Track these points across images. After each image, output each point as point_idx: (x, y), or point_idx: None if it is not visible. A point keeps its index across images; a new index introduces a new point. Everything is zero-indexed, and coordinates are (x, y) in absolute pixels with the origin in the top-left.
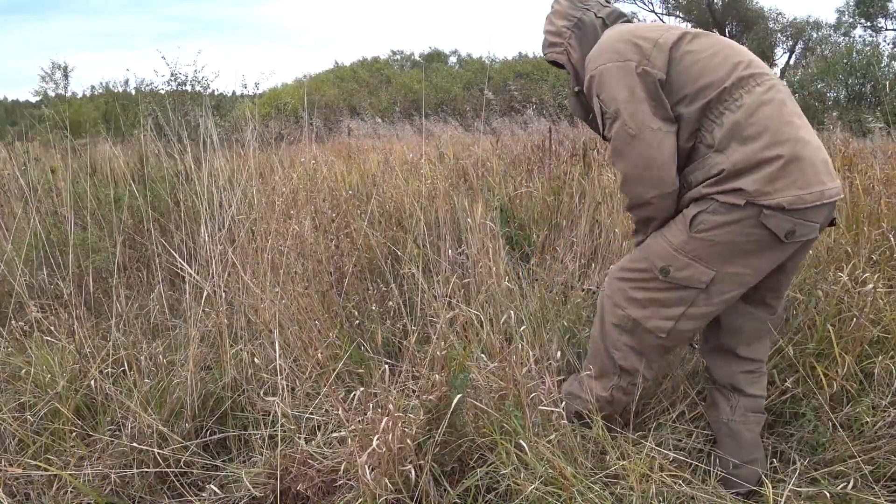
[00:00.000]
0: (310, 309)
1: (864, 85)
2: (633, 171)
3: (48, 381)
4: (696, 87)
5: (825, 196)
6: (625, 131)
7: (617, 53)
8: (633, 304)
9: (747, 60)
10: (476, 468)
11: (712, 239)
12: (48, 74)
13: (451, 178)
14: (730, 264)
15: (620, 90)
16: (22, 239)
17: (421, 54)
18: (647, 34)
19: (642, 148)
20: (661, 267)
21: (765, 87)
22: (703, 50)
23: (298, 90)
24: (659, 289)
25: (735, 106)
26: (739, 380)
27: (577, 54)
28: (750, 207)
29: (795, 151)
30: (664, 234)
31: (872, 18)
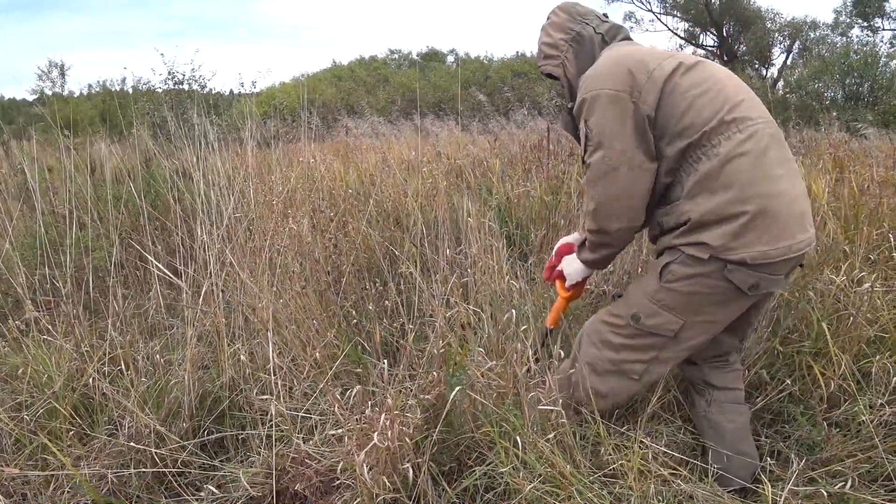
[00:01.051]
0: (307, 308)
1: (861, 85)
2: (604, 201)
3: (45, 381)
4: (680, 126)
5: (792, 250)
6: (605, 162)
7: (612, 81)
8: (608, 347)
9: (734, 102)
10: (474, 467)
11: (680, 290)
12: (45, 73)
13: (450, 177)
14: (697, 314)
15: (609, 120)
16: (19, 238)
17: (419, 53)
18: (644, 62)
19: (619, 182)
20: (632, 314)
21: (746, 133)
22: (693, 86)
23: (296, 89)
24: (631, 335)
25: (712, 153)
26: (709, 375)
27: (573, 69)
28: (714, 261)
29: (763, 207)
30: (641, 280)
31: (869, 19)
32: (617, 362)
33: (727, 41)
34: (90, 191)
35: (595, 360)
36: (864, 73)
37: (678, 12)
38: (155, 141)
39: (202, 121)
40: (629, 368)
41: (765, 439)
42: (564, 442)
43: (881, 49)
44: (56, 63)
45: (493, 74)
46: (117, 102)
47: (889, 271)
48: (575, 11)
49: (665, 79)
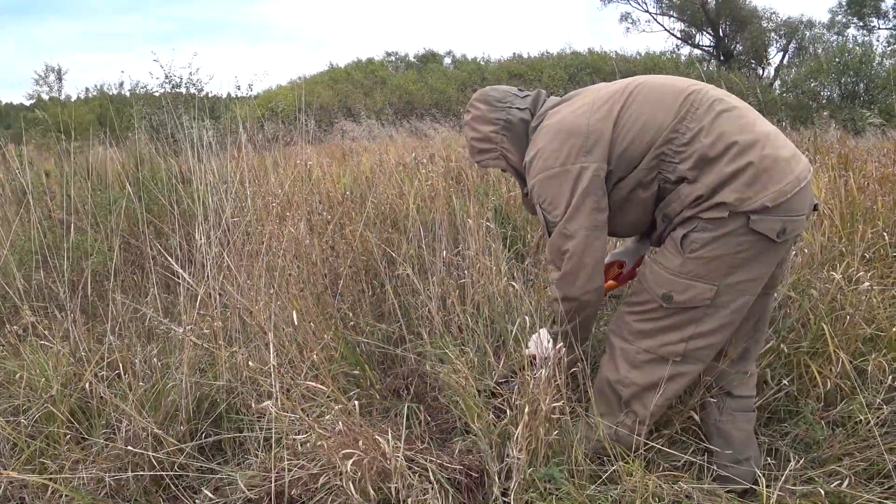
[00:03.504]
0: (305, 310)
1: (857, 84)
2: (567, 270)
3: (42, 385)
4: (643, 145)
5: (800, 180)
6: (562, 234)
7: (551, 160)
8: (641, 336)
9: (676, 93)
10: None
11: (707, 255)
12: (42, 77)
13: (448, 178)
14: (730, 276)
15: (560, 196)
16: (17, 243)
17: (416, 55)
18: (579, 125)
19: (576, 247)
20: (662, 294)
21: (704, 106)
22: (635, 111)
23: (293, 92)
24: (664, 316)
25: (688, 138)
26: (730, 382)
27: (515, 157)
28: (736, 217)
29: (760, 152)
30: (658, 262)
31: (865, 18)
32: (654, 349)
33: (723, 41)
34: (88, 195)
35: (630, 355)
36: (859, 72)
37: (674, 12)
38: (153, 144)
39: (199, 124)
40: (670, 351)
41: (763, 438)
42: (564, 441)
43: (876, 48)
44: (53, 67)
45: (490, 76)
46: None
47: (885, 269)
48: (493, 99)
49: (609, 132)
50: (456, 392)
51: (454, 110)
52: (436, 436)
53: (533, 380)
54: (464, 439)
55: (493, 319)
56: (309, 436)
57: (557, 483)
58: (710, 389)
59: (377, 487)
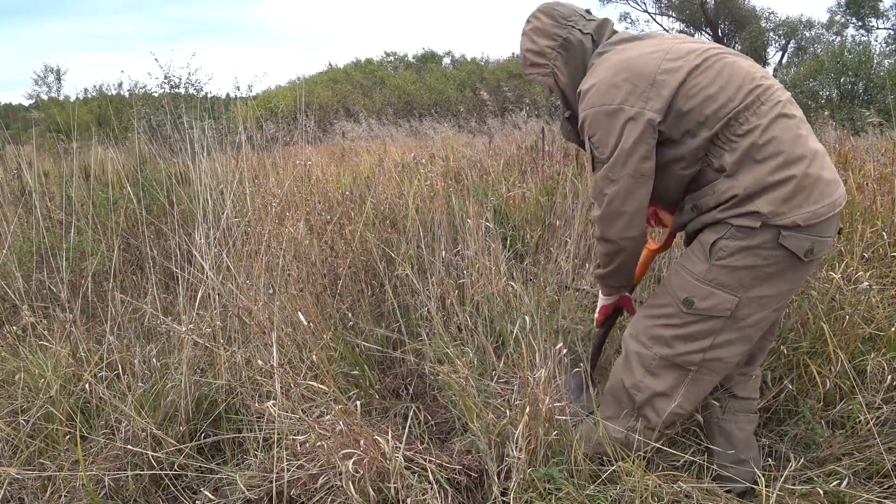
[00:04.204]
0: (304, 310)
1: (856, 84)
2: (607, 212)
3: (42, 386)
4: (701, 118)
5: (835, 206)
6: (606, 176)
7: (610, 95)
8: (659, 343)
9: (749, 79)
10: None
11: (734, 265)
12: (41, 77)
13: (447, 178)
14: (752, 289)
15: (612, 138)
16: (16, 243)
17: (415, 55)
18: (643, 70)
19: (618, 192)
20: (683, 299)
21: (770, 103)
22: (704, 80)
23: (292, 92)
24: (684, 323)
25: (743, 130)
26: (733, 384)
27: (565, 78)
28: (766, 230)
29: (805, 168)
30: (684, 266)
31: (864, 18)
32: (671, 357)
33: (722, 41)
34: (87, 195)
35: (646, 360)
36: (858, 72)
37: (673, 12)
38: (152, 145)
39: (199, 124)
40: (686, 360)
41: (762, 439)
42: (563, 441)
43: (875, 48)
44: (52, 67)
45: (489, 76)
46: (114, 107)
47: (884, 269)
48: (558, 14)
49: (674, 86)
50: (455, 392)
51: (453, 110)
52: (435, 436)
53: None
54: (463, 439)
55: (492, 319)
56: (308, 436)
57: (557, 483)
58: (713, 391)
59: (376, 488)
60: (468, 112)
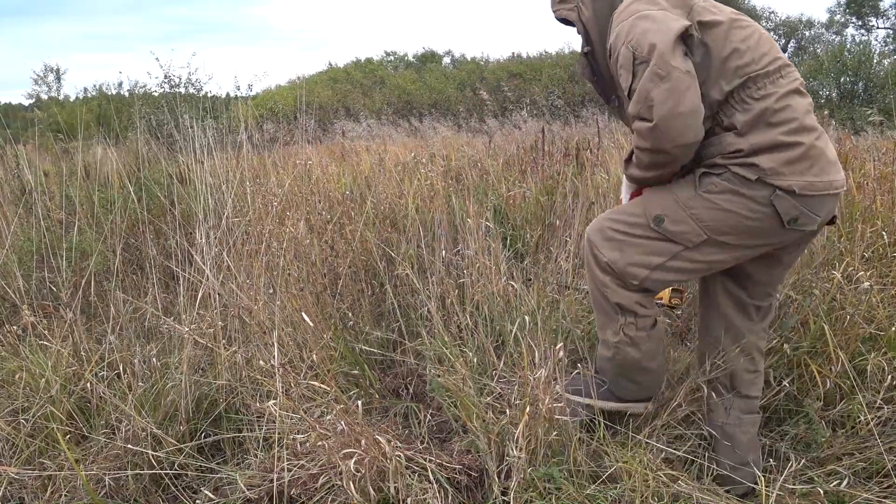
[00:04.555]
0: (304, 310)
1: (856, 83)
2: (659, 114)
3: (42, 385)
4: (723, 69)
5: (833, 186)
6: (655, 73)
7: (647, 5)
8: (610, 245)
9: (776, 51)
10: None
11: (717, 203)
12: (41, 77)
13: (447, 178)
14: (724, 234)
15: (651, 32)
16: (16, 243)
17: (415, 55)
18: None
19: (673, 91)
20: (655, 215)
21: (789, 78)
22: (736, 35)
23: (292, 91)
24: (644, 236)
25: (760, 94)
26: (742, 380)
27: (588, 13)
28: (761, 185)
29: (814, 142)
30: (670, 187)
31: (864, 17)
32: (619, 265)
33: None
34: (87, 195)
35: (597, 259)
36: (858, 71)
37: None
38: (152, 144)
39: (199, 124)
40: (631, 273)
41: (763, 439)
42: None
43: (875, 48)
44: (52, 67)
45: (489, 75)
46: (114, 106)
47: (884, 269)
48: None
49: (703, 22)
50: (453, 393)
51: (453, 110)
52: (435, 435)
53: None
54: (462, 439)
55: (492, 319)
56: (309, 435)
57: (557, 482)
58: (716, 389)
59: (377, 487)
60: (468, 112)
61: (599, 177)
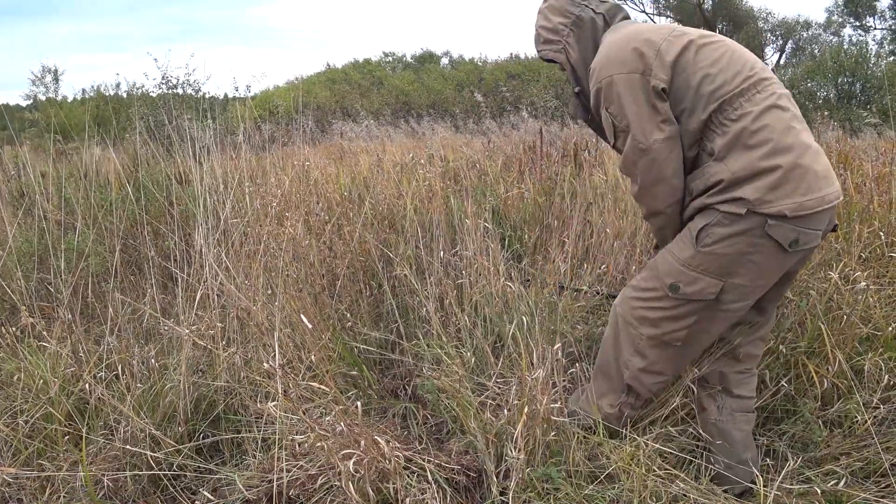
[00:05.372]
0: (303, 311)
1: (853, 84)
2: (645, 183)
3: (41, 386)
4: (698, 97)
5: (825, 202)
6: (636, 146)
7: (622, 64)
8: (646, 324)
9: (749, 67)
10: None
11: (719, 252)
12: (39, 78)
13: (445, 179)
14: (737, 275)
15: (628, 104)
16: (14, 244)
17: (413, 56)
18: (651, 41)
19: (653, 162)
20: (669, 284)
21: (765, 94)
22: (705, 59)
23: (290, 92)
24: (669, 306)
25: (736, 115)
26: (730, 380)
27: (575, 54)
28: (752, 217)
29: (795, 160)
30: (671, 251)
31: (861, 18)
32: (658, 336)
33: None
34: (85, 196)
35: (633, 339)
36: (855, 72)
37: (671, 13)
38: (151, 145)
39: (197, 125)
40: (672, 337)
41: (760, 438)
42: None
43: (872, 48)
44: (49, 68)
45: (487, 76)
46: (111, 107)
47: (881, 269)
48: None
49: (675, 56)
50: (450, 393)
51: (451, 111)
52: (434, 436)
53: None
54: (461, 439)
55: (490, 319)
56: (307, 436)
57: (555, 482)
58: (704, 385)
59: (375, 488)
60: (465, 113)
61: (597, 177)
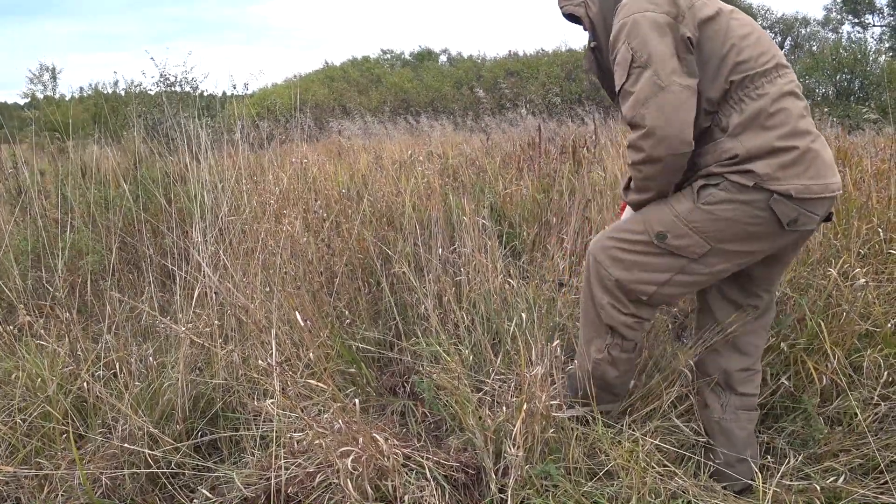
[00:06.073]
0: (301, 308)
1: (852, 81)
2: (658, 124)
3: (39, 385)
4: (723, 65)
5: (829, 189)
6: (653, 82)
7: (654, 4)
8: (618, 266)
9: (773, 51)
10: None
11: (717, 213)
12: (36, 76)
13: (444, 176)
14: (727, 242)
15: (654, 40)
16: (12, 242)
17: (411, 53)
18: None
19: (669, 102)
20: (658, 232)
21: (786, 79)
22: (735, 31)
23: (289, 90)
24: (649, 253)
25: (756, 94)
26: (734, 378)
27: (595, 8)
28: (758, 190)
29: (809, 144)
30: (669, 202)
31: (860, 15)
32: (626, 283)
33: None
34: (83, 194)
35: (603, 279)
36: (854, 69)
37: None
38: (149, 143)
39: (197, 123)
40: (639, 290)
41: (760, 435)
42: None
43: (870, 45)
44: (47, 66)
45: (486, 73)
46: (109, 105)
47: (880, 266)
48: None
49: (706, 18)
50: (449, 391)
51: (450, 108)
52: (432, 433)
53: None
54: (459, 437)
55: (488, 316)
56: (305, 434)
57: (554, 480)
58: (715, 386)
59: (374, 485)
60: (464, 110)
61: (596, 174)
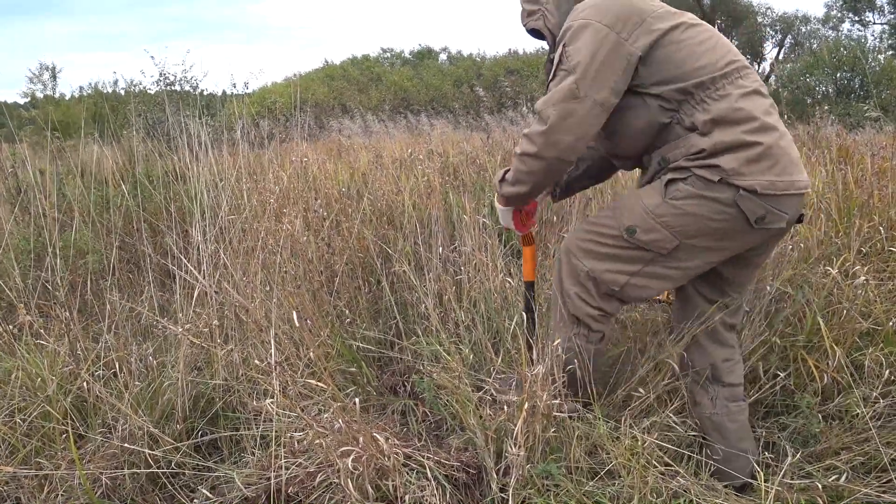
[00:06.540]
0: (301, 307)
1: (852, 79)
2: (555, 125)
3: (38, 385)
4: (679, 71)
5: (795, 186)
6: (571, 89)
7: (601, 15)
8: (590, 257)
9: (733, 54)
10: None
11: (684, 209)
12: (36, 76)
13: (444, 175)
14: (695, 238)
15: (587, 50)
16: (12, 242)
17: (411, 52)
18: (639, 8)
19: (577, 112)
20: (627, 226)
21: (748, 80)
22: (692, 38)
23: (288, 89)
24: (619, 246)
25: (718, 95)
26: (720, 368)
27: (554, 20)
28: (724, 187)
29: (776, 141)
30: (640, 196)
31: (860, 13)
32: (597, 274)
33: None
34: (83, 194)
35: (576, 270)
36: (854, 67)
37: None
38: (149, 142)
39: (196, 122)
40: (610, 280)
41: (760, 431)
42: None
43: (871, 43)
44: (47, 66)
45: (486, 72)
46: (109, 104)
47: (881, 264)
48: None
49: (665, 28)
50: (449, 390)
51: (450, 106)
52: (433, 433)
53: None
54: (460, 436)
55: (489, 315)
56: (306, 433)
57: (555, 479)
58: (702, 380)
59: (375, 485)
60: (464, 109)
61: None
